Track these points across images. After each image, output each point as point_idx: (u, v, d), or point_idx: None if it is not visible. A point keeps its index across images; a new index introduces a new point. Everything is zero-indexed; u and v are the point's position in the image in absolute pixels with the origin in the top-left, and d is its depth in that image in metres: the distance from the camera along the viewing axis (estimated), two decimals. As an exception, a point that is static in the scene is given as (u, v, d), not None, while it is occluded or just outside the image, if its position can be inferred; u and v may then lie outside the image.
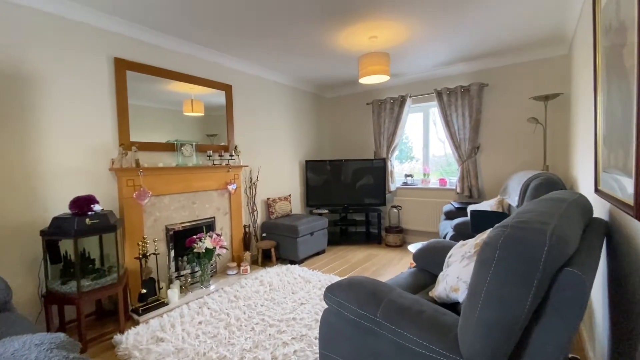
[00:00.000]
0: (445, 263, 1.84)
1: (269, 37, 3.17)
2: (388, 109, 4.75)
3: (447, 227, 3.49)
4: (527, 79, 3.79)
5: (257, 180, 4.23)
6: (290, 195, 4.65)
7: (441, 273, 1.79)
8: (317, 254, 4.30)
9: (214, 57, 3.60)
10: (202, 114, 3.53)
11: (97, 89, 2.70)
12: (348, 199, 4.88)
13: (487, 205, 3.40)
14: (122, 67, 2.83)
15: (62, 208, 2.49)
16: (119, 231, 2.68)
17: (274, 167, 4.54)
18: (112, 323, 2.58)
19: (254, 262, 3.96)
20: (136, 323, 2.54)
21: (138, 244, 2.74)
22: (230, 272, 3.53)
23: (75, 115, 2.57)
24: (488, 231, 1.63)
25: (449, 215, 3.85)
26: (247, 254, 3.71)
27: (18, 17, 2.28)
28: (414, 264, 2.78)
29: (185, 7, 2.58)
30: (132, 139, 2.91)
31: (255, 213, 4.16)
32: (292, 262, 3.93)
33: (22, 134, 2.31)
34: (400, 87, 4.79)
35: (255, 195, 4.16)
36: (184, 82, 3.32)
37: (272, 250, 3.92)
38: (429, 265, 2.11)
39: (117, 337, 2.29)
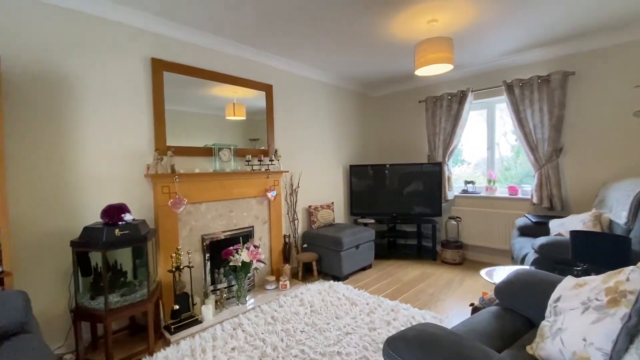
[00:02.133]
0: (549, 308, 1.34)
1: (313, 30, 2.85)
2: (445, 106, 4.19)
3: (524, 247, 2.87)
4: (631, 63, 3.03)
5: (298, 187, 3.93)
6: (333, 203, 4.29)
7: (546, 323, 1.29)
8: (363, 269, 3.87)
9: (253, 56, 3.38)
10: (244, 118, 3.32)
11: (133, 91, 2.57)
12: (397, 207, 4.38)
13: (577, 220, 2.74)
14: (159, 67, 2.68)
15: (95, 216, 2.37)
16: (153, 241, 2.51)
17: (315, 173, 4.21)
18: (144, 341, 2.39)
19: (294, 276, 3.64)
20: (167, 343, 2.33)
21: (171, 256, 2.55)
22: (268, 287, 3.24)
23: (110, 120, 2.45)
24: (628, 271, 1.11)
25: (525, 231, 3.20)
26: (287, 267, 3.40)
27: (56, 19, 2.20)
28: (487, 295, 2.25)
29: (226, 3, 2.35)
30: (169, 143, 2.75)
31: (295, 222, 3.85)
32: (336, 278, 3.54)
33: (60, 138, 2.22)
34: (459, 81, 4.20)
35: (295, 202, 3.86)
36: (223, 83, 3.12)
37: (314, 264, 3.57)
38: (518, 303, 1.60)
39: (145, 360, 2.09)
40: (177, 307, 2.53)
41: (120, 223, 2.18)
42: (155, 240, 2.58)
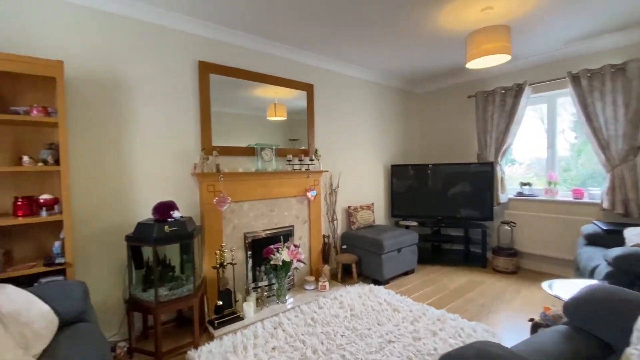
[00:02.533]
0: (636, 333, 1.14)
1: (356, 27, 2.77)
2: (498, 101, 3.87)
3: (593, 258, 2.54)
4: None
5: (338, 187, 3.87)
6: (373, 203, 4.16)
7: (633, 350, 1.10)
8: (405, 273, 3.70)
9: (295, 55, 3.38)
10: (284, 118, 3.33)
11: (182, 94, 2.68)
12: (442, 210, 4.14)
13: (662, 229, 2.36)
14: (206, 70, 2.77)
15: (147, 213, 2.50)
16: (199, 238, 2.59)
17: (355, 173, 4.12)
18: (190, 333, 2.48)
19: (333, 277, 3.58)
20: (211, 337, 2.40)
21: (215, 253, 2.63)
22: (307, 287, 3.22)
23: (161, 121, 2.58)
24: None
25: (593, 240, 2.84)
26: (326, 268, 3.35)
27: (115, 28, 2.35)
28: (550, 310, 2.01)
29: (270, 4, 2.36)
30: (214, 143, 2.83)
31: (335, 222, 3.80)
32: (376, 282, 3.43)
33: (117, 139, 2.37)
34: (514, 74, 3.87)
35: (335, 202, 3.80)
36: (265, 83, 3.16)
37: (353, 265, 3.49)
38: (594, 324, 1.39)
39: (191, 353, 2.16)
40: (220, 303, 2.59)
41: (169, 220, 2.28)
42: (201, 237, 2.67)
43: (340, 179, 3.90)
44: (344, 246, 3.78)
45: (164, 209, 2.30)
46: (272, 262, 2.83)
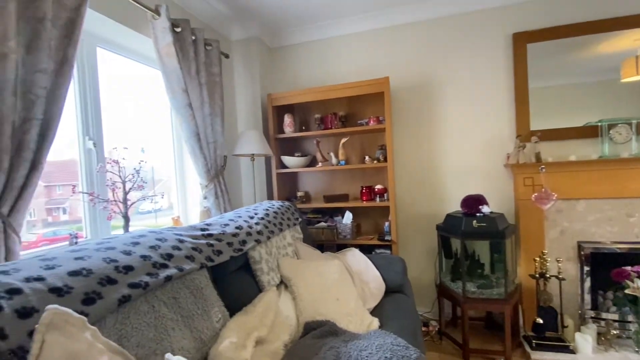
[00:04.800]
0: None
1: None
2: None
3: None
4: None
5: None
6: None
7: None
8: None
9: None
10: (657, 73, 2.16)
11: (490, 78, 2.45)
12: None
13: None
14: (521, 41, 2.36)
15: (456, 205, 2.53)
16: (512, 239, 2.28)
17: None
18: (500, 341, 2.26)
19: None
20: (526, 356, 2.05)
21: (534, 260, 2.19)
22: None
23: (467, 112, 2.51)
24: None
25: None
26: None
27: (426, 32, 2.56)
28: None
29: None
30: (533, 127, 2.36)
31: None
32: None
33: (429, 134, 2.59)
34: None
35: None
36: (620, 30, 2.19)
37: None
38: None
39: (500, 364, 1.95)
40: (540, 321, 2.14)
41: (477, 214, 2.17)
42: (514, 237, 2.33)
43: None
44: None
45: (472, 203, 2.22)
46: (627, 291, 1.95)
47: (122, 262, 0.86)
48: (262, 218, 1.75)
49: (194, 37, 2.02)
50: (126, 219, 1.61)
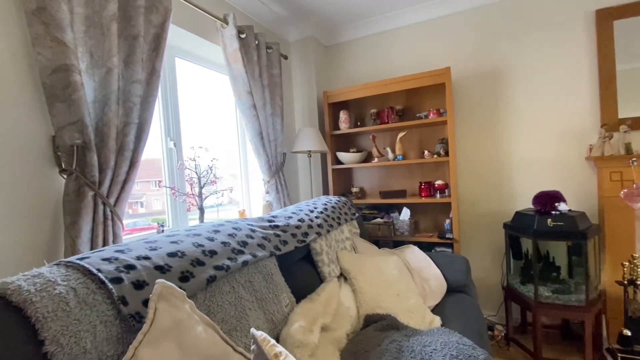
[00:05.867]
0: None
1: None
2: None
3: None
4: None
5: None
6: None
7: None
8: None
9: None
10: None
11: (567, 60, 2.21)
12: None
13: None
14: (606, 19, 2.09)
15: (525, 202, 2.34)
16: (595, 240, 2.04)
17: None
18: (579, 352, 2.05)
19: None
20: (612, 372, 1.83)
21: (622, 264, 1.94)
22: None
23: (541, 100, 2.29)
24: None
25: None
26: None
27: (486, 18, 2.39)
28: None
29: None
30: (621, 115, 2.08)
31: None
32: None
33: (494, 126, 2.43)
34: None
35: None
36: None
37: None
38: None
39: (580, 377, 1.77)
40: (628, 333, 1.89)
41: (553, 212, 1.99)
42: (598, 239, 2.08)
43: None
44: None
45: (546, 200, 2.04)
46: None
47: (207, 247, 0.97)
48: (322, 212, 1.81)
49: (257, 42, 2.15)
50: (202, 210, 1.78)
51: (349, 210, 2.15)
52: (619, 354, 1.88)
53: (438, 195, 2.38)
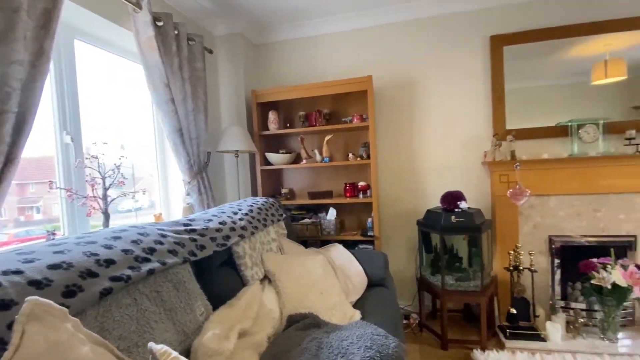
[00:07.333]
0: None
1: None
2: None
3: None
4: None
5: None
6: None
7: None
8: None
9: (648, -23, 2.21)
10: (624, 77, 2.29)
11: (469, 77, 2.54)
12: None
13: None
14: (498, 44, 2.45)
15: (436, 201, 2.61)
16: (488, 233, 2.37)
17: None
18: (477, 331, 2.35)
19: None
20: (501, 346, 2.14)
21: (509, 253, 2.29)
22: (668, 335, 2.07)
23: (447, 110, 2.59)
24: None
25: None
26: None
27: (408, 32, 2.61)
28: None
29: None
30: (509, 126, 2.47)
31: None
32: None
33: (411, 132, 2.66)
34: None
35: None
36: (590, 35, 2.31)
37: None
38: None
39: (477, 353, 2.04)
40: (514, 311, 2.24)
41: (456, 210, 2.25)
42: (490, 232, 2.43)
43: None
44: None
45: (451, 199, 2.30)
46: (593, 281, 2.07)
47: (103, 255, 0.86)
48: (246, 214, 1.76)
49: (176, 32, 2.00)
50: (106, 215, 1.58)
51: (277, 211, 2.13)
52: (508, 330, 2.21)
53: (361, 195, 2.51)
